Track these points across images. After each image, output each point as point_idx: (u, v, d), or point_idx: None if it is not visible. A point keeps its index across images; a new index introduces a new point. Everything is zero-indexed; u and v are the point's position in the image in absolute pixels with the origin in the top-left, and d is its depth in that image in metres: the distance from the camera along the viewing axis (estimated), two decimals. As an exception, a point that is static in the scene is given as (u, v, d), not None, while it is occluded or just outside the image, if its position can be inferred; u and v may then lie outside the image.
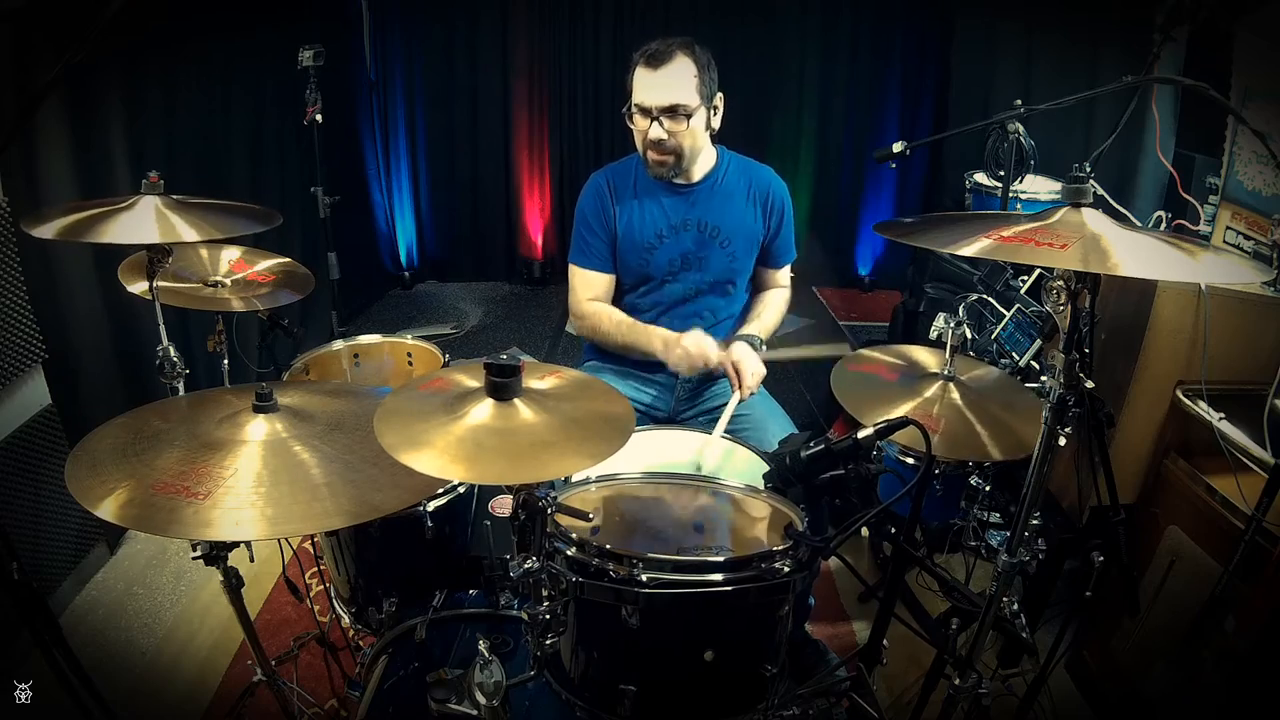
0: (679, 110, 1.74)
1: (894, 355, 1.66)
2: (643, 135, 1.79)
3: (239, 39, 3.03)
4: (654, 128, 1.76)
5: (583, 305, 1.94)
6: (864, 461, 1.23)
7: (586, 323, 1.94)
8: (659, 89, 1.73)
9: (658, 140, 1.77)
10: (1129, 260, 0.95)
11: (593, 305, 1.93)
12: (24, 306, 2.00)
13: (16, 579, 1.05)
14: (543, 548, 1.08)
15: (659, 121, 1.75)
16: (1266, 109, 2.06)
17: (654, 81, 1.73)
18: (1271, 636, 1.44)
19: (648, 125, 1.76)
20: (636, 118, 1.79)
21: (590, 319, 1.92)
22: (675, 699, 1.19)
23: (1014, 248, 1.00)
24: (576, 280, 1.95)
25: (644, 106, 1.76)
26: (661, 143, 1.77)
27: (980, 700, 1.32)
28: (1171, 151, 2.69)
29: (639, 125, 1.79)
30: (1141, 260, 0.98)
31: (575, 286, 1.95)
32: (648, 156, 1.82)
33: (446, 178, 4.78)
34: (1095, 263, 0.95)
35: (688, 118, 1.75)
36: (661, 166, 1.82)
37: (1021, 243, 1.00)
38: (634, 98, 1.77)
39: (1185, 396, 1.74)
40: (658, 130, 1.75)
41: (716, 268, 1.89)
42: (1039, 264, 1.06)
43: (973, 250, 1.02)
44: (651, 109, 1.75)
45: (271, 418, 1.13)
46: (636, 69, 1.77)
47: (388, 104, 4.58)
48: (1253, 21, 2.13)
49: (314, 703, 1.76)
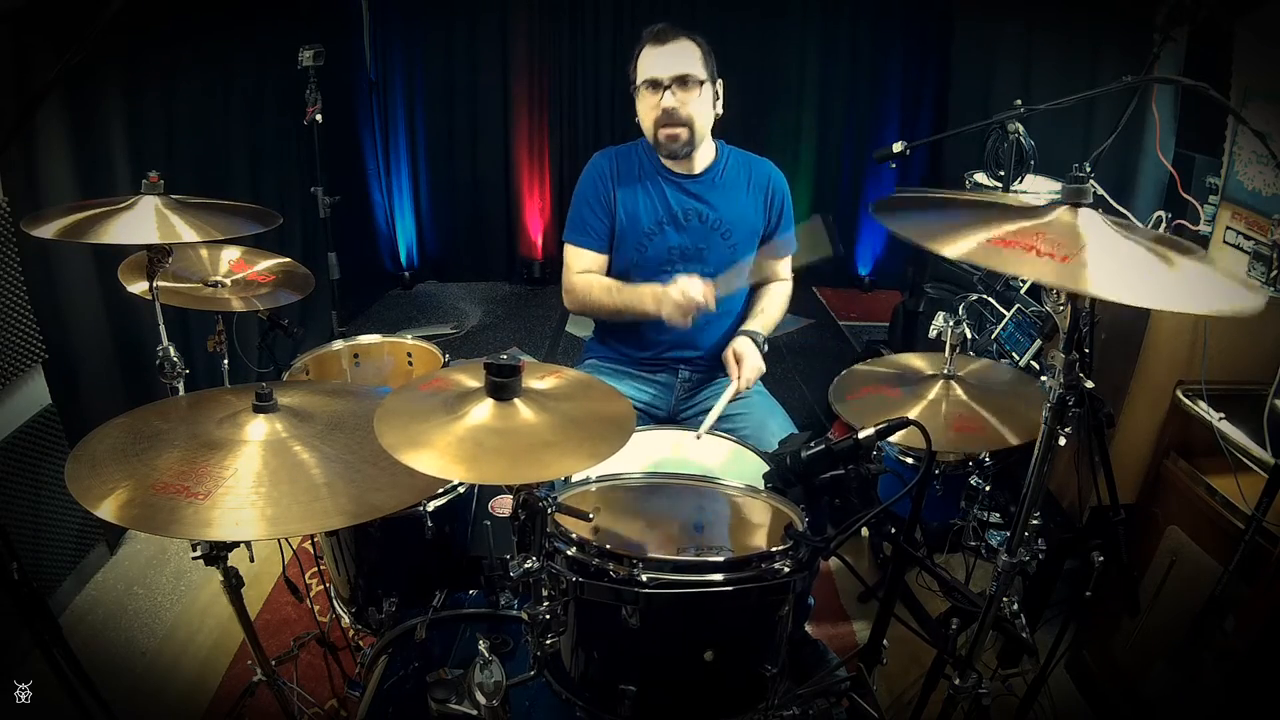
0: (689, 79, 1.76)
1: (888, 367, 1.65)
2: (654, 109, 1.79)
3: (239, 39, 3.04)
4: (666, 96, 1.77)
5: (573, 278, 1.93)
6: (864, 461, 1.23)
7: (577, 294, 1.93)
8: (668, 60, 1.77)
9: (670, 110, 1.77)
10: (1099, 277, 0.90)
11: (583, 277, 1.92)
12: (24, 306, 2.00)
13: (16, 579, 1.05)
14: (543, 548, 1.08)
15: (671, 90, 1.76)
16: (1266, 109, 2.06)
17: (663, 53, 1.77)
18: (1271, 636, 1.44)
19: (659, 97, 1.77)
20: (645, 93, 1.80)
21: (581, 290, 1.92)
22: (675, 699, 1.19)
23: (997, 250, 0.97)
24: (570, 257, 1.95)
25: (655, 79, 1.77)
26: (674, 112, 1.78)
27: (980, 700, 1.32)
28: (1171, 151, 2.69)
29: (649, 100, 1.80)
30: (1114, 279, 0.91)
31: (568, 263, 1.95)
32: (659, 134, 1.81)
33: (446, 178, 4.78)
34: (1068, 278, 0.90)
35: (699, 85, 1.77)
36: (674, 142, 1.81)
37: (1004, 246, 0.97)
38: (643, 74, 1.79)
39: (1185, 396, 1.74)
40: (670, 98, 1.77)
41: (717, 259, 1.89)
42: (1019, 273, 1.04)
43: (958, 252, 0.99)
44: (663, 79, 1.76)
45: (271, 418, 1.12)
46: (644, 49, 1.80)
47: (388, 104, 4.58)
48: (1253, 21, 2.13)
49: (314, 703, 1.76)
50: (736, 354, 1.81)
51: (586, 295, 1.91)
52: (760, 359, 1.83)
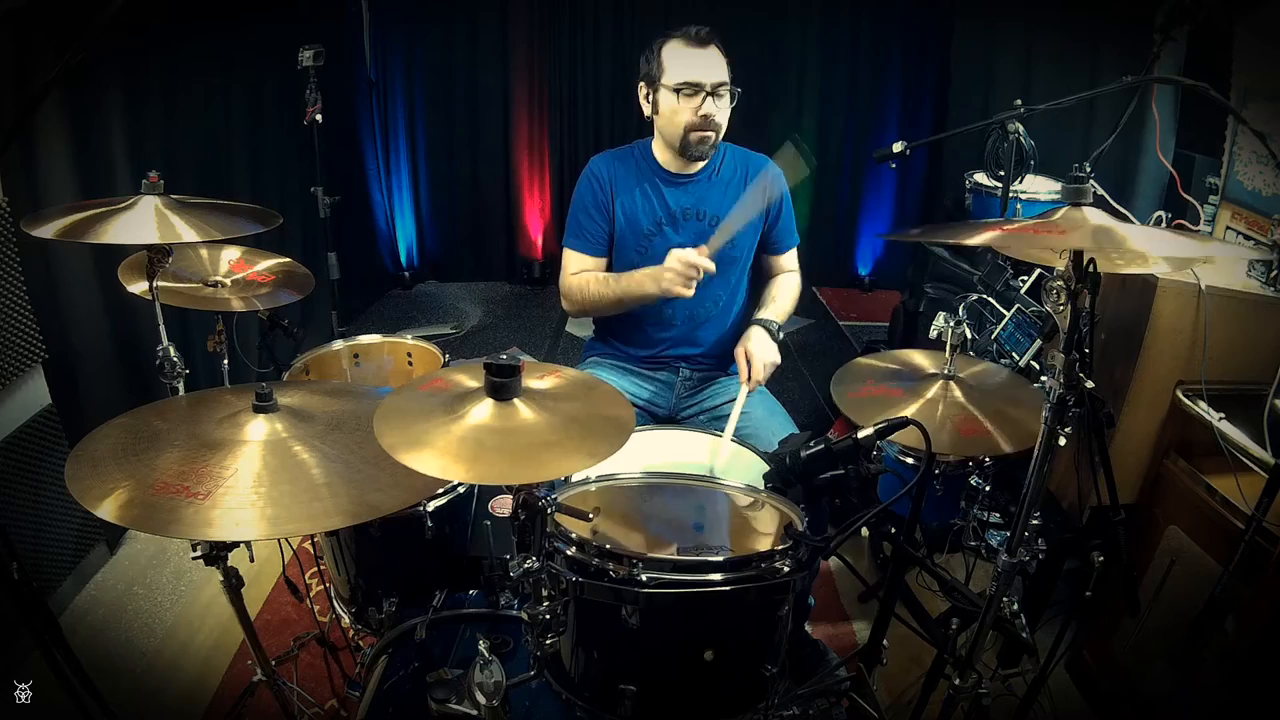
0: (725, 87, 1.76)
1: (890, 362, 1.65)
2: (693, 114, 1.76)
3: (239, 39, 3.03)
4: (708, 103, 1.75)
5: (569, 280, 1.93)
6: (864, 461, 1.23)
7: (574, 294, 1.92)
8: (710, 66, 1.75)
9: (709, 116, 1.76)
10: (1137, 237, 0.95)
11: (579, 277, 1.92)
12: (24, 306, 2.00)
13: (16, 579, 1.04)
14: (543, 548, 1.08)
15: (712, 97, 1.75)
16: (1266, 109, 2.06)
17: (704, 57, 1.75)
18: (1271, 636, 1.44)
19: (700, 101, 1.75)
20: (684, 96, 1.76)
21: (578, 289, 1.91)
22: (675, 699, 1.19)
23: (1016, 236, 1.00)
24: (569, 262, 1.95)
25: (697, 83, 1.75)
26: (710, 119, 1.77)
27: (980, 700, 1.32)
28: (1171, 151, 2.69)
29: (687, 103, 1.76)
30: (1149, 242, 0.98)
31: (566, 267, 1.95)
32: (690, 137, 1.79)
33: (446, 178, 4.78)
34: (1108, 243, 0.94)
35: (731, 96, 1.77)
36: (704, 144, 1.80)
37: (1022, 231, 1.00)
38: (682, 75, 1.75)
39: (1185, 396, 1.74)
40: (711, 105, 1.75)
41: (716, 257, 1.89)
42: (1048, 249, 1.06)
43: (980, 240, 1.02)
44: (706, 85, 1.74)
45: (271, 418, 1.12)
46: (674, 46, 1.77)
47: (388, 104, 4.58)
48: (1253, 21, 2.13)
49: (314, 703, 1.76)
50: (748, 352, 1.78)
51: (584, 292, 1.90)
52: (774, 350, 1.80)
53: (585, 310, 1.96)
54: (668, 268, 1.70)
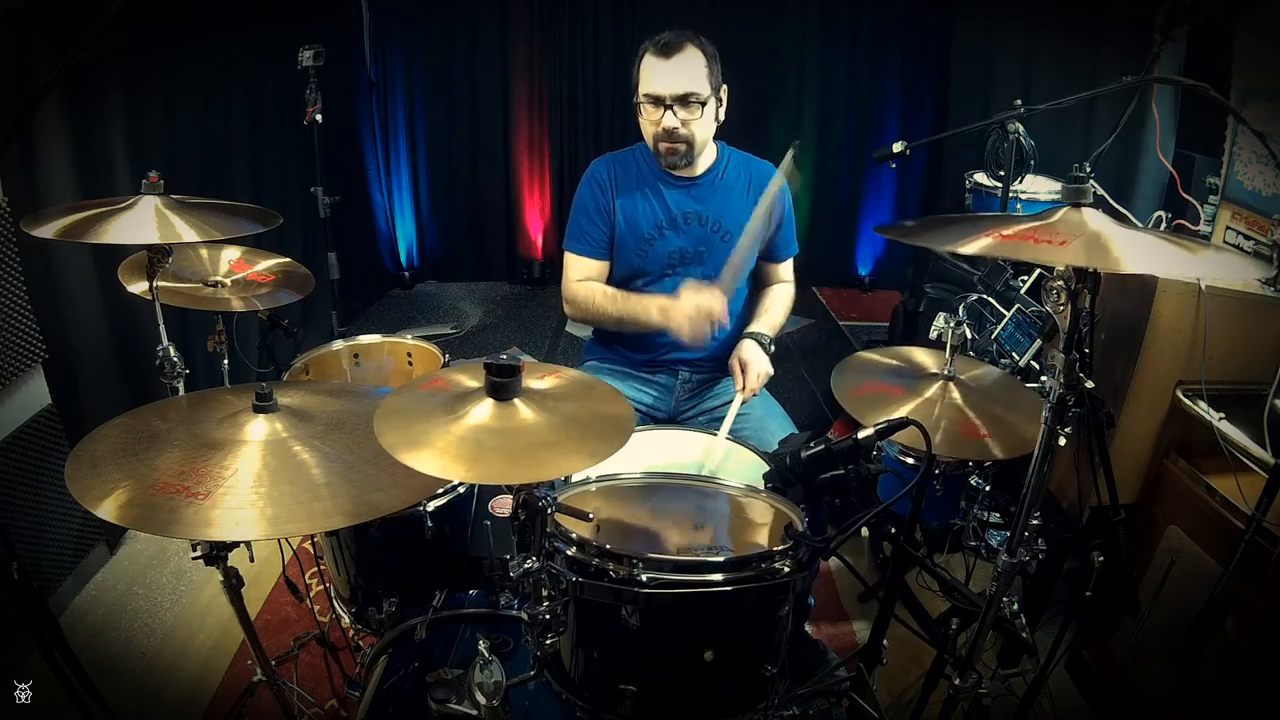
0: (692, 98, 1.74)
1: (893, 357, 1.65)
2: (655, 125, 1.77)
3: (239, 39, 3.03)
4: (667, 116, 1.75)
5: (573, 286, 1.93)
6: (864, 462, 1.23)
7: (579, 302, 1.92)
8: (672, 77, 1.73)
9: (671, 129, 1.76)
10: (1130, 254, 0.95)
11: (584, 285, 1.92)
12: (24, 306, 2.00)
13: (16, 579, 1.04)
14: (543, 548, 1.08)
15: (672, 110, 1.75)
16: (1266, 109, 2.06)
17: (667, 70, 1.73)
18: (1271, 636, 1.44)
19: (660, 114, 1.75)
20: (648, 108, 1.78)
21: (583, 299, 1.91)
22: (675, 699, 1.19)
23: (1015, 245, 1.00)
24: (570, 265, 1.94)
25: (657, 95, 1.75)
26: (674, 132, 1.76)
27: (980, 700, 1.32)
28: (1171, 151, 2.69)
29: (651, 115, 1.78)
30: (1142, 256, 0.98)
31: (568, 271, 1.94)
32: (659, 147, 1.80)
33: (446, 178, 4.78)
34: (1097, 258, 0.95)
35: (701, 105, 1.75)
36: (673, 155, 1.80)
37: (1022, 240, 1.00)
38: (645, 88, 1.76)
39: (1185, 396, 1.74)
40: (671, 119, 1.75)
41: (717, 261, 1.89)
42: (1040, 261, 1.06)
43: (974, 249, 1.02)
44: (665, 98, 1.74)
45: (271, 418, 1.12)
46: (645, 58, 1.76)
47: (388, 104, 4.58)
48: (1253, 21, 2.13)
49: (314, 703, 1.76)
50: (742, 361, 1.80)
51: (589, 303, 1.90)
52: (767, 362, 1.82)
53: (586, 320, 1.96)
54: (684, 313, 1.70)
